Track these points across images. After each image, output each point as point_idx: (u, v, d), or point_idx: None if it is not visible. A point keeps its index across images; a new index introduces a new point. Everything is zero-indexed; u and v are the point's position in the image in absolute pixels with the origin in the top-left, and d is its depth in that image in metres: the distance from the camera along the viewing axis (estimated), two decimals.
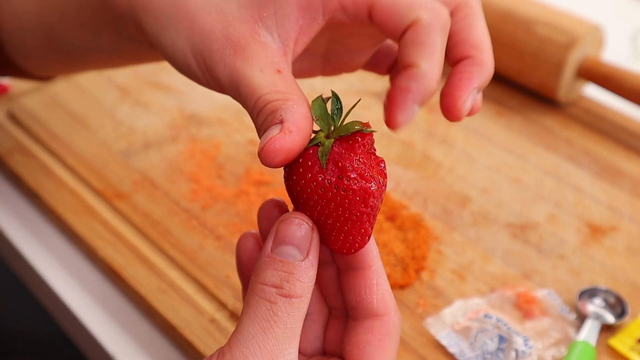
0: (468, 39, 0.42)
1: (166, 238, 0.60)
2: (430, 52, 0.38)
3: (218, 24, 0.40)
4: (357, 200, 0.37)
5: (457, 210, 0.63)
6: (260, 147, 0.36)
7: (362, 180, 0.37)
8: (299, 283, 0.37)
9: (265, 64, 0.39)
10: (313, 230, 0.38)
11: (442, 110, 0.42)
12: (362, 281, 0.41)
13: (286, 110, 0.37)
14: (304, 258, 0.37)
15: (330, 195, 0.37)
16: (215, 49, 0.40)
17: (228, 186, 0.65)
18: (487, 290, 0.56)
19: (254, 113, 0.38)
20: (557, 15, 0.75)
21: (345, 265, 0.42)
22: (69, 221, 0.62)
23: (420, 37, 0.38)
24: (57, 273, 0.60)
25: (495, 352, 0.51)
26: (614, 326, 0.53)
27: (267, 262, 0.37)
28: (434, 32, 0.39)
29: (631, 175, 0.67)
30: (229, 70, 0.39)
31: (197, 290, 0.56)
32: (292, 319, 0.37)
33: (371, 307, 0.41)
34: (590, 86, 0.77)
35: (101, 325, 0.56)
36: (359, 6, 0.40)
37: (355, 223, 0.38)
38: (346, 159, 0.37)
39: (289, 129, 0.36)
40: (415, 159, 0.69)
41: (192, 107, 0.75)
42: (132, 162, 0.68)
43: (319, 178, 0.37)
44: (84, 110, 0.74)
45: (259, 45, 0.39)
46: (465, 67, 0.42)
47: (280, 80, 0.38)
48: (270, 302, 0.37)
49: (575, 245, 0.60)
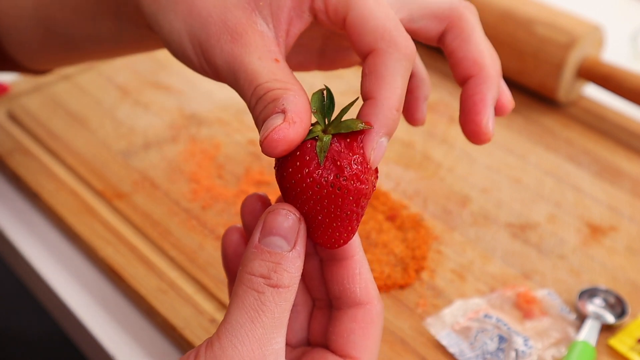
0: (468, 56, 0.43)
1: (166, 238, 0.60)
2: (387, 83, 0.38)
3: (216, 8, 0.40)
4: (351, 199, 0.37)
5: (457, 210, 0.63)
6: (264, 136, 0.36)
7: (357, 182, 0.37)
8: (287, 273, 0.37)
9: (263, 52, 0.39)
10: (300, 221, 0.38)
11: (469, 138, 0.42)
12: (345, 271, 0.42)
13: (287, 100, 0.37)
14: (291, 248, 0.37)
15: (324, 192, 0.37)
16: (212, 33, 0.40)
17: (228, 186, 0.65)
18: (487, 290, 0.56)
19: (253, 100, 0.38)
20: (557, 15, 0.75)
21: (328, 256, 0.42)
22: (69, 221, 0.62)
23: (378, 67, 0.38)
24: (57, 273, 0.60)
25: (495, 352, 0.51)
26: (614, 326, 0.53)
27: (254, 253, 0.38)
28: (392, 63, 0.38)
29: (631, 175, 0.67)
30: (225, 56, 0.39)
31: (197, 290, 0.56)
32: (280, 308, 0.37)
33: (354, 296, 0.42)
34: (590, 86, 0.77)
35: (101, 325, 0.56)
36: (337, 14, 0.40)
37: (345, 221, 0.38)
38: (344, 158, 0.37)
39: (292, 119, 0.36)
40: (415, 159, 0.69)
41: (192, 107, 0.75)
42: (132, 162, 0.68)
43: (315, 174, 0.37)
44: (84, 110, 0.74)
45: (256, 34, 0.39)
46: (475, 88, 0.42)
47: (278, 70, 0.38)
48: (258, 292, 0.37)
49: (575, 245, 0.60)
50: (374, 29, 0.39)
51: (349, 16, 0.39)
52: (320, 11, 0.40)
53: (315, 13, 0.40)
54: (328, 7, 0.40)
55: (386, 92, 0.38)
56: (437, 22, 0.44)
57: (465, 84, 0.43)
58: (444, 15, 0.44)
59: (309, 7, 0.40)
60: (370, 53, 0.39)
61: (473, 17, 0.44)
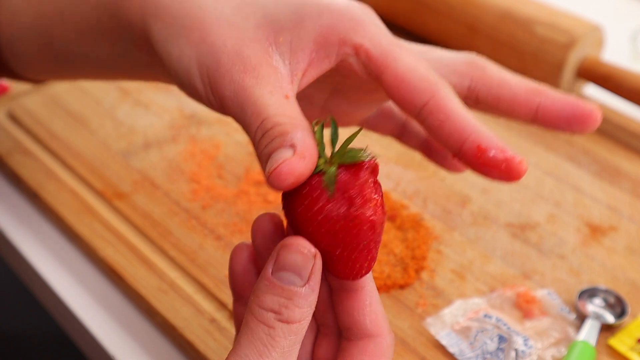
0: (517, 94, 0.43)
1: (166, 238, 0.60)
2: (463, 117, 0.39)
3: (231, 39, 0.40)
4: (365, 229, 0.37)
5: (457, 210, 0.63)
6: (272, 168, 0.36)
7: (370, 210, 0.37)
8: (298, 309, 0.37)
9: (275, 88, 0.38)
10: (315, 257, 0.37)
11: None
12: (355, 302, 0.41)
13: (296, 136, 0.36)
14: (304, 284, 0.37)
15: (339, 226, 0.37)
16: (223, 62, 0.39)
17: (228, 186, 0.65)
18: (487, 290, 0.56)
19: (259, 133, 0.38)
20: (557, 15, 0.75)
21: (338, 285, 0.41)
22: (69, 221, 0.62)
23: (448, 108, 0.39)
24: (57, 273, 0.60)
25: (495, 352, 0.51)
26: (613, 326, 0.53)
27: (267, 286, 0.37)
28: (453, 100, 0.39)
29: (631, 175, 0.67)
30: (234, 87, 0.39)
31: (197, 290, 0.56)
32: (290, 342, 0.37)
33: (364, 327, 0.41)
34: (590, 86, 0.77)
35: (101, 325, 0.56)
36: (371, 61, 0.40)
37: (363, 251, 0.38)
38: (353, 188, 0.36)
39: (302, 154, 0.36)
40: (415, 159, 0.69)
41: (192, 107, 0.75)
42: (132, 162, 0.68)
43: (326, 209, 0.36)
44: (84, 110, 0.74)
45: (270, 68, 0.39)
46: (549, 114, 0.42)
47: (288, 105, 0.38)
48: (268, 327, 0.37)
49: (575, 245, 0.60)
50: (426, 78, 0.39)
51: (391, 67, 0.39)
52: (349, 56, 0.40)
53: (343, 57, 0.40)
54: (359, 53, 0.40)
55: (474, 121, 0.39)
56: (458, 77, 0.44)
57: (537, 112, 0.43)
58: (465, 71, 0.44)
59: (336, 51, 0.40)
60: (431, 99, 0.39)
61: (491, 64, 0.44)
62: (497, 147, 0.39)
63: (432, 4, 0.81)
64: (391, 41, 0.41)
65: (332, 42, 0.40)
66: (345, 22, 0.40)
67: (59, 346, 0.79)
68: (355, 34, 0.40)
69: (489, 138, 0.39)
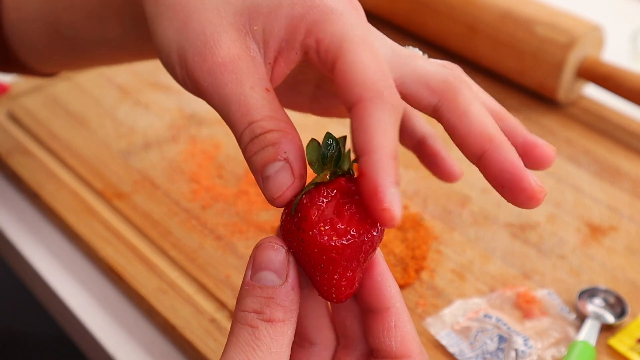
0: (471, 130, 0.40)
1: (166, 238, 0.60)
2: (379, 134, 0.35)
3: (210, 25, 0.39)
4: (316, 252, 0.36)
5: (457, 210, 0.63)
6: (277, 192, 0.36)
7: (322, 233, 0.35)
8: (280, 307, 0.36)
9: (255, 81, 0.38)
10: (288, 253, 0.37)
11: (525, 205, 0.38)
12: (380, 324, 0.39)
13: (287, 147, 0.36)
14: (283, 282, 0.36)
15: (296, 246, 0.36)
16: (200, 50, 0.39)
17: (228, 186, 0.65)
18: (487, 290, 0.56)
19: (247, 136, 0.37)
20: (557, 15, 0.75)
21: (364, 306, 0.40)
22: (69, 221, 0.62)
23: (365, 119, 0.35)
24: (57, 273, 0.60)
25: (495, 352, 0.51)
26: (613, 326, 0.53)
27: (247, 290, 0.37)
28: (379, 113, 0.35)
29: (631, 175, 0.67)
30: (212, 80, 0.38)
31: (197, 290, 0.56)
32: (277, 343, 0.36)
33: (389, 349, 0.40)
34: (590, 86, 0.77)
35: (101, 325, 0.56)
36: (328, 55, 0.37)
37: (324, 275, 0.36)
38: (303, 210, 0.36)
39: (299, 175, 0.36)
40: (415, 159, 0.69)
41: (192, 107, 0.75)
42: (132, 162, 0.68)
43: (287, 228, 0.36)
44: (84, 110, 0.74)
45: (248, 59, 0.38)
46: (496, 164, 0.39)
47: (272, 104, 0.37)
48: (252, 327, 0.36)
49: (575, 245, 0.60)
50: (364, 81, 0.36)
51: (339, 62, 0.37)
52: (311, 49, 0.38)
53: (306, 50, 0.38)
54: (320, 46, 0.38)
55: (380, 142, 0.35)
56: (429, 92, 0.40)
57: (482, 159, 0.40)
58: (437, 88, 0.40)
59: (300, 42, 0.38)
60: (356, 104, 0.36)
61: (468, 90, 0.40)
62: None
63: (432, 4, 0.81)
64: (356, 37, 0.37)
65: (300, 32, 0.38)
66: (316, 13, 0.38)
67: (59, 346, 0.79)
68: (321, 25, 0.38)
69: None
